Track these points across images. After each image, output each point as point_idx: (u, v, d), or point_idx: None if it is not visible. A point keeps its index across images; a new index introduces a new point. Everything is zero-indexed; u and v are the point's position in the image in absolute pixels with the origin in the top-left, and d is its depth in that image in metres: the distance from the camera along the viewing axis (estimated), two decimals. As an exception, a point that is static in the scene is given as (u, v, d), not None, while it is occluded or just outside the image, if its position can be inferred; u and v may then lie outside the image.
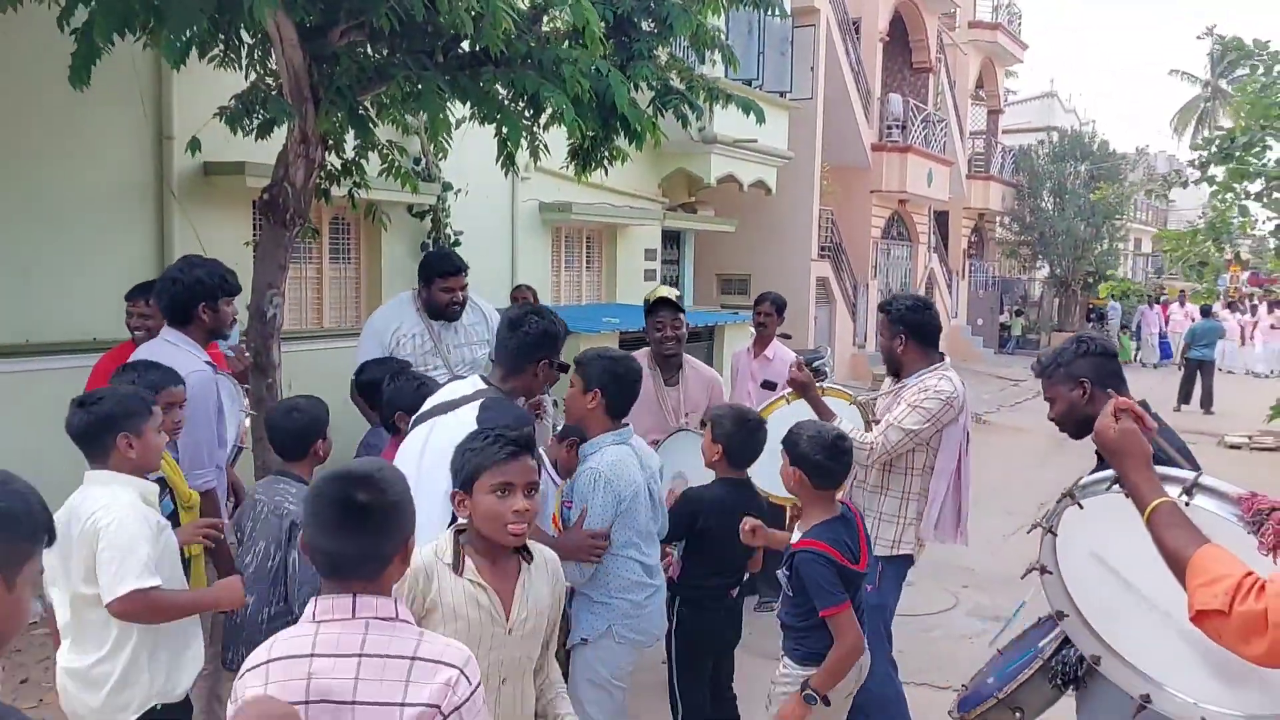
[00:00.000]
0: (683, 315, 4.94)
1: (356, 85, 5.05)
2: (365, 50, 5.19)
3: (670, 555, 3.58)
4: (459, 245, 8.98)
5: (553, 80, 4.80)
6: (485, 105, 5.11)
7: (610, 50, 5.20)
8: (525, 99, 5.13)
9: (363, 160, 5.97)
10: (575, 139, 5.60)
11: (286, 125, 5.02)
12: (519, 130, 5.17)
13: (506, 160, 5.68)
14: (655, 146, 5.82)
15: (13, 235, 5.85)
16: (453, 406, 2.94)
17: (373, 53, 5.21)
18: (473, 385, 3.05)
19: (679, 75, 5.85)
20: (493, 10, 4.02)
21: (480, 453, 2.36)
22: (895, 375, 4.04)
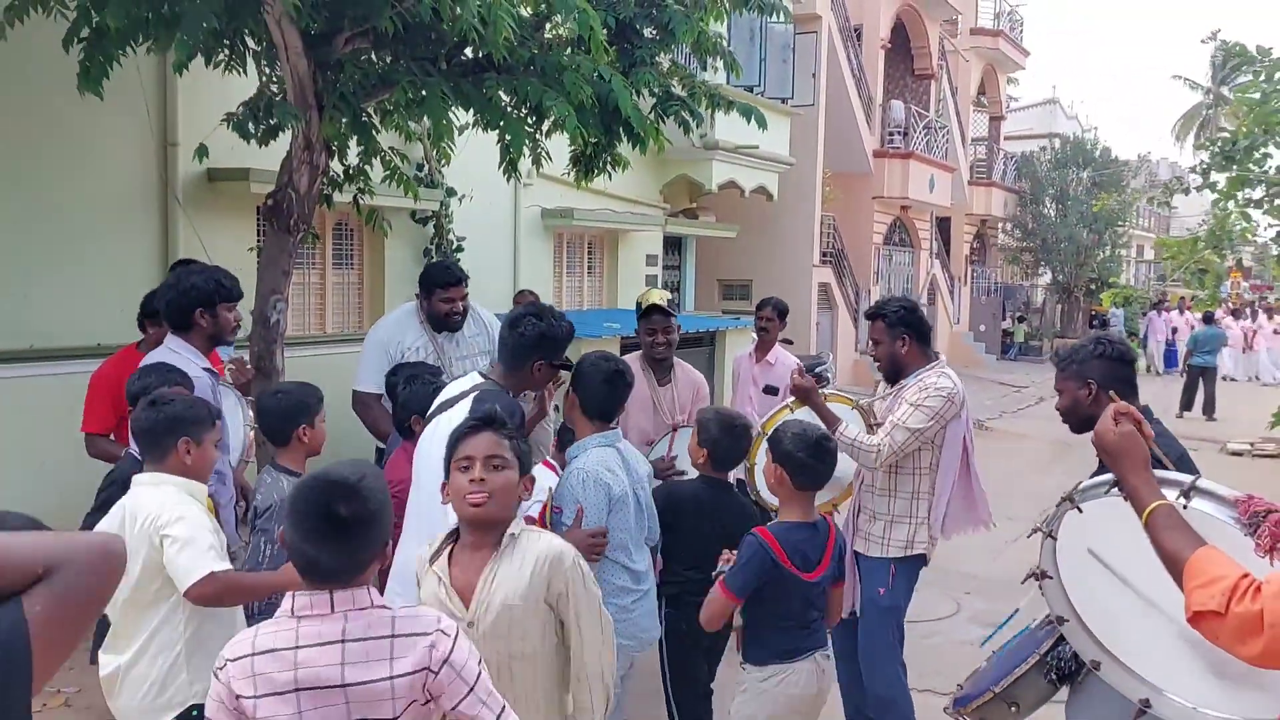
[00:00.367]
0: (674, 319, 4.97)
1: (361, 92, 5.07)
2: (369, 57, 5.21)
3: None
4: (461, 251, 9.01)
5: (555, 87, 4.83)
6: (488, 112, 5.13)
7: (613, 57, 5.23)
8: (528, 106, 5.16)
9: (366, 166, 6.00)
10: (577, 146, 5.62)
11: (291, 131, 5.05)
12: (522, 137, 5.20)
13: (509, 166, 5.70)
14: (659, 152, 5.84)
15: (17, 241, 5.87)
16: (452, 404, 3.03)
17: (377, 60, 5.24)
18: (471, 381, 3.14)
19: (680, 82, 5.87)
20: (494, 18, 4.04)
21: (452, 438, 2.46)
22: (894, 378, 4.03)
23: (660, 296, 5.06)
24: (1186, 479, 2.05)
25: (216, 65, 5.21)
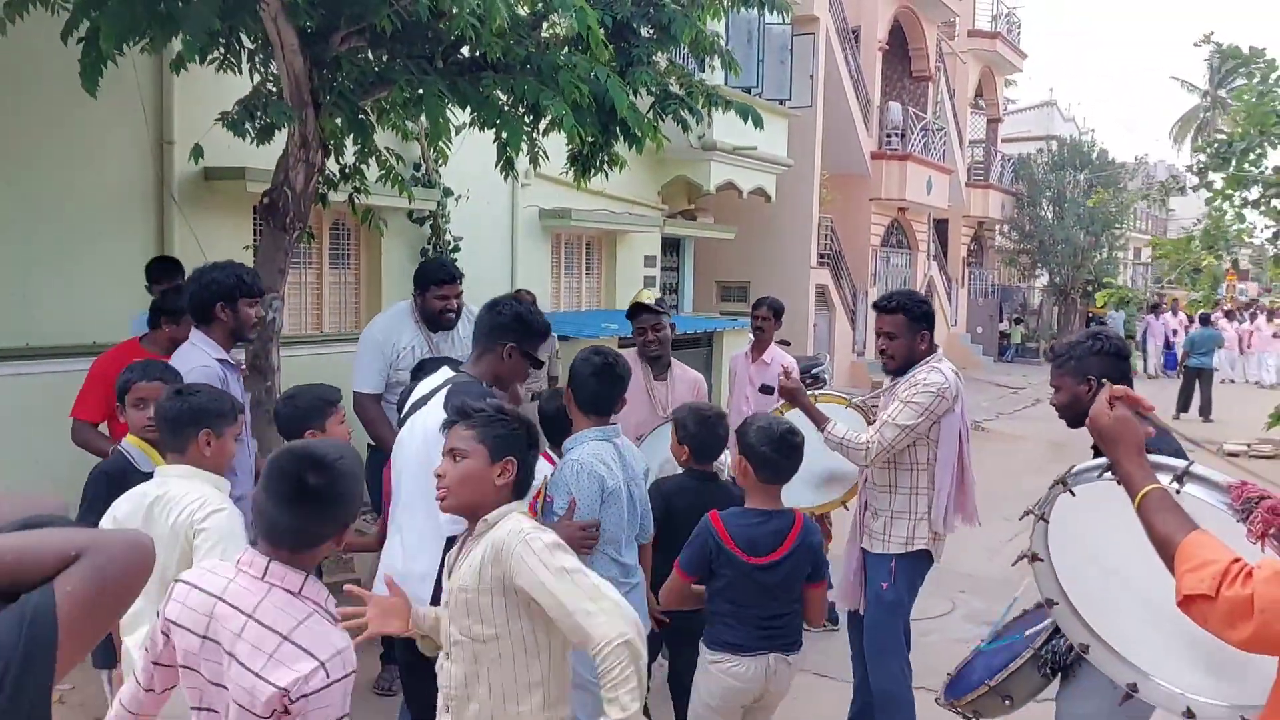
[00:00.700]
0: (665, 317, 4.99)
1: (357, 90, 5.07)
2: (366, 55, 5.21)
3: None
4: (458, 251, 9.01)
5: (551, 86, 4.83)
6: (485, 110, 5.14)
7: (610, 56, 5.23)
8: (525, 105, 5.16)
9: (362, 166, 6.00)
10: (575, 145, 5.62)
11: (286, 130, 5.05)
12: (519, 135, 5.20)
13: (506, 165, 5.70)
14: (657, 151, 5.86)
15: (13, 239, 5.87)
16: (426, 400, 3.04)
17: (373, 58, 5.24)
18: (443, 377, 3.12)
19: (678, 81, 5.88)
20: (489, 7, 4.03)
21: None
22: (899, 373, 3.97)
23: (648, 296, 5.10)
24: (1180, 464, 2.06)
25: (212, 63, 5.21)
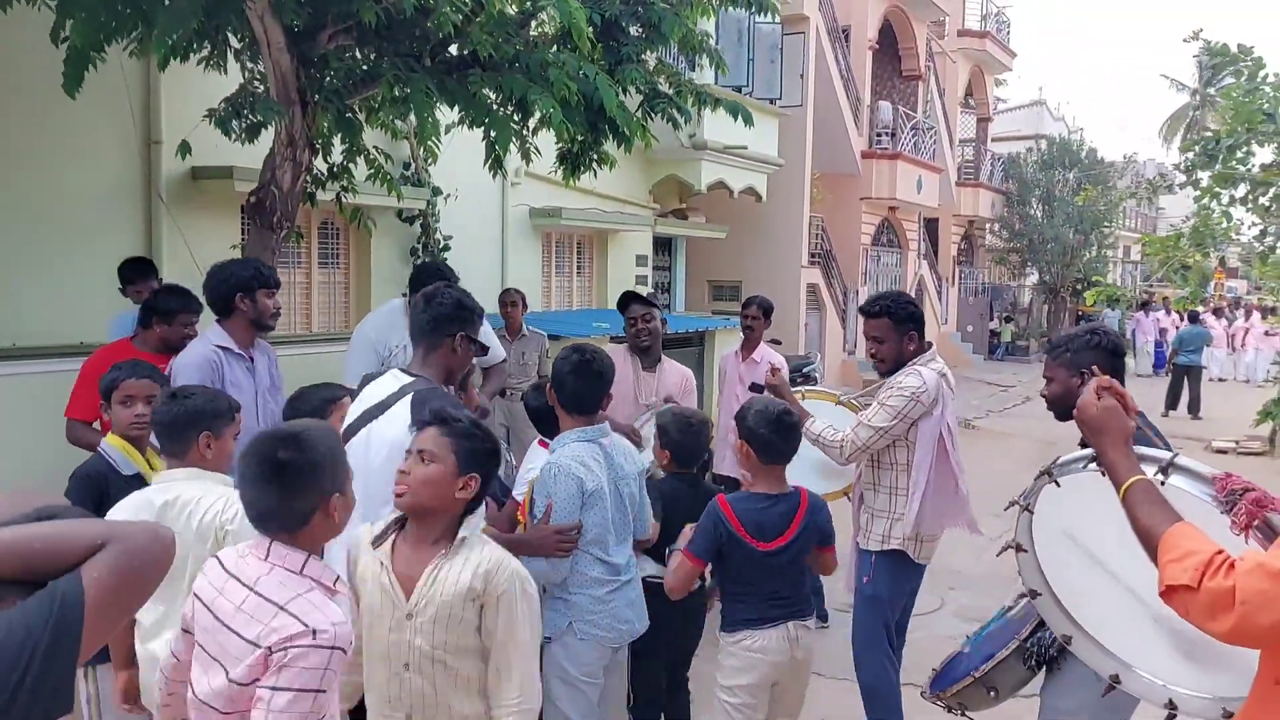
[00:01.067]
0: (655, 309, 5.03)
1: (345, 88, 5.06)
2: (353, 54, 5.20)
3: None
4: (448, 250, 8.99)
5: (540, 84, 4.82)
6: (473, 108, 5.13)
7: (598, 54, 5.22)
8: (514, 103, 5.15)
9: (350, 164, 5.98)
10: (564, 143, 5.61)
11: (274, 128, 5.03)
12: (508, 133, 5.19)
13: (494, 164, 5.69)
14: (646, 149, 5.86)
15: (0, 239, 5.84)
16: (384, 409, 2.90)
17: (361, 56, 5.22)
18: (396, 381, 2.98)
19: (667, 80, 5.88)
20: (473, 4, 4.00)
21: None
22: (891, 374, 3.97)
23: (638, 288, 5.15)
24: (1165, 455, 2.06)
25: (199, 63, 5.19)
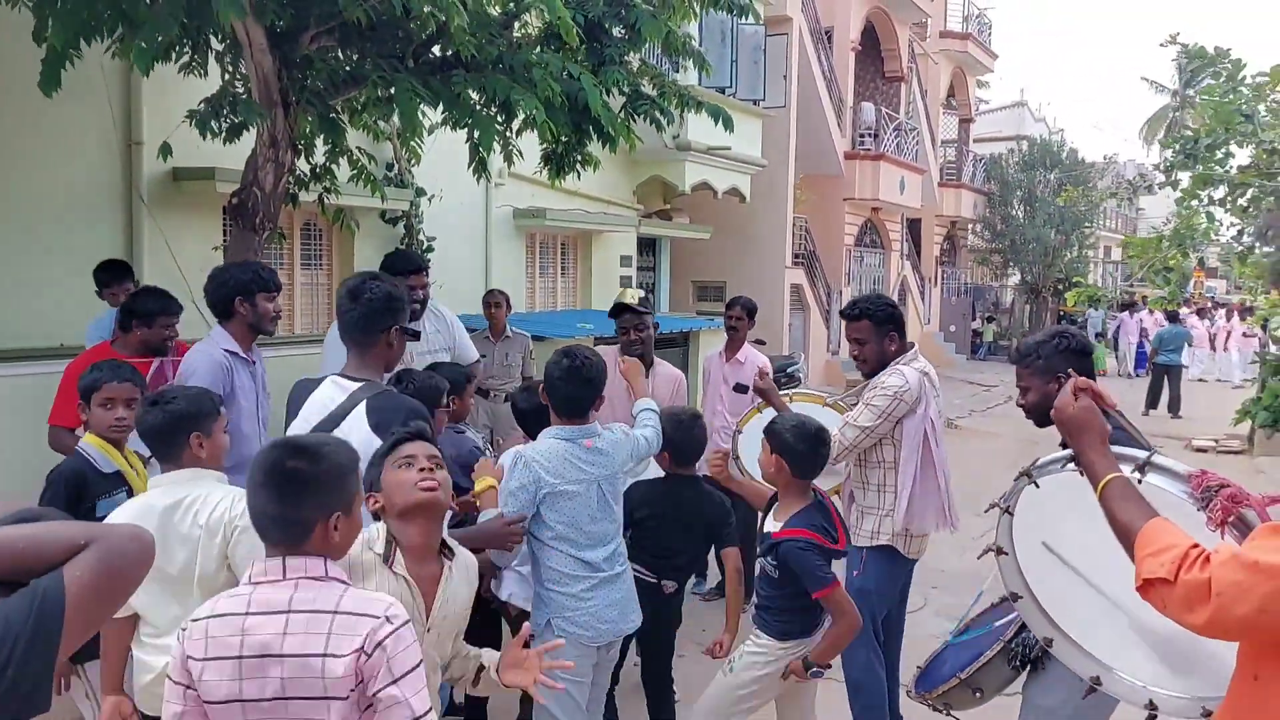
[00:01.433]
0: (647, 317, 5.01)
1: (328, 89, 5.04)
2: (336, 55, 5.18)
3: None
4: (432, 251, 8.97)
5: (524, 84, 4.82)
6: (457, 109, 5.12)
7: (581, 55, 5.23)
8: (497, 104, 5.14)
9: (333, 166, 5.96)
10: (548, 143, 5.61)
11: (256, 129, 5.01)
12: (491, 133, 5.18)
13: (478, 165, 5.68)
14: (630, 151, 5.87)
15: (-22, 240, 5.80)
16: (336, 421, 2.83)
17: (343, 57, 5.20)
18: (341, 389, 2.92)
19: (651, 81, 5.88)
20: (446, 6, 3.95)
21: (382, 453, 2.47)
22: (876, 375, 4.02)
23: (632, 296, 5.11)
24: (1142, 454, 2.08)
25: (180, 70, 5.16)
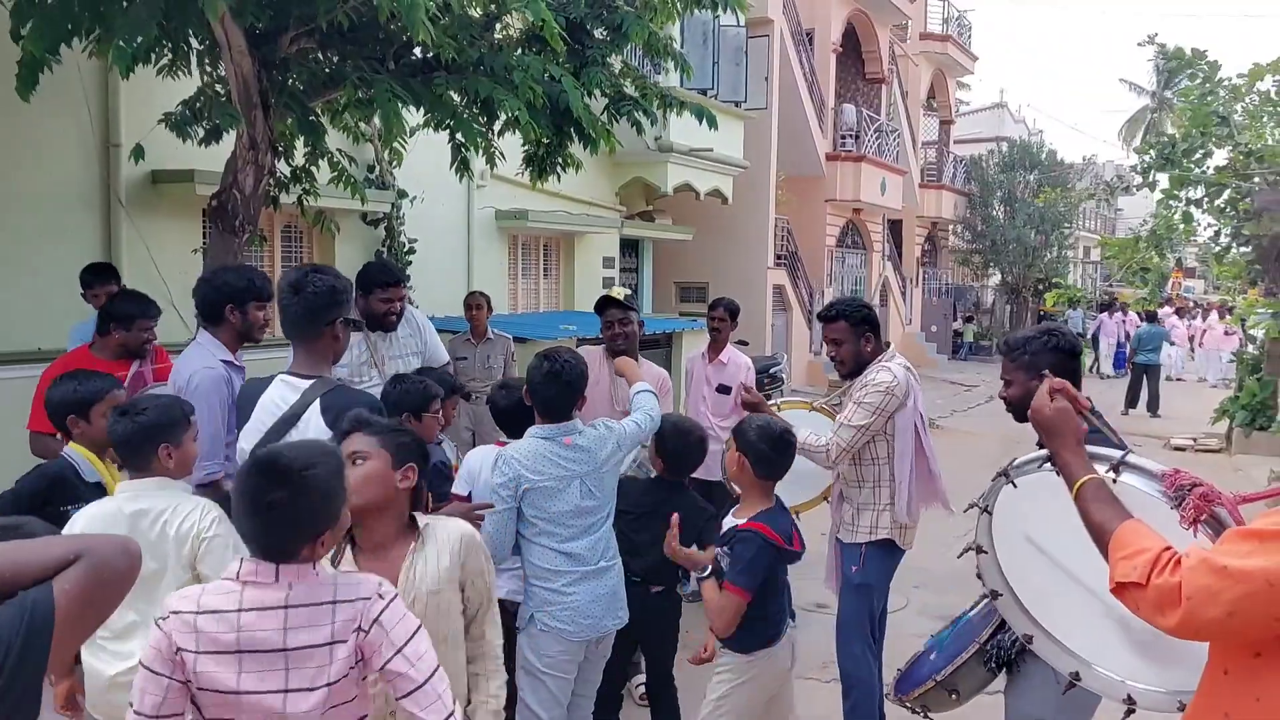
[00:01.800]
0: (632, 313, 5.01)
1: (308, 91, 5.02)
2: (316, 57, 5.16)
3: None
4: (413, 253, 8.95)
5: (505, 86, 4.82)
6: (438, 110, 5.11)
7: (563, 57, 5.23)
8: (479, 104, 5.14)
9: (313, 168, 5.94)
10: (530, 145, 5.61)
11: (235, 132, 4.99)
12: (474, 133, 5.18)
13: (461, 165, 5.67)
14: (612, 153, 5.88)
15: (-46, 244, 5.75)
16: (290, 422, 2.80)
17: (323, 59, 5.19)
18: (291, 388, 2.86)
19: (633, 82, 5.89)
20: (407, 9, 3.89)
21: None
22: (856, 376, 4.10)
23: (618, 292, 5.12)
24: (1117, 454, 2.11)
25: (159, 72, 5.13)
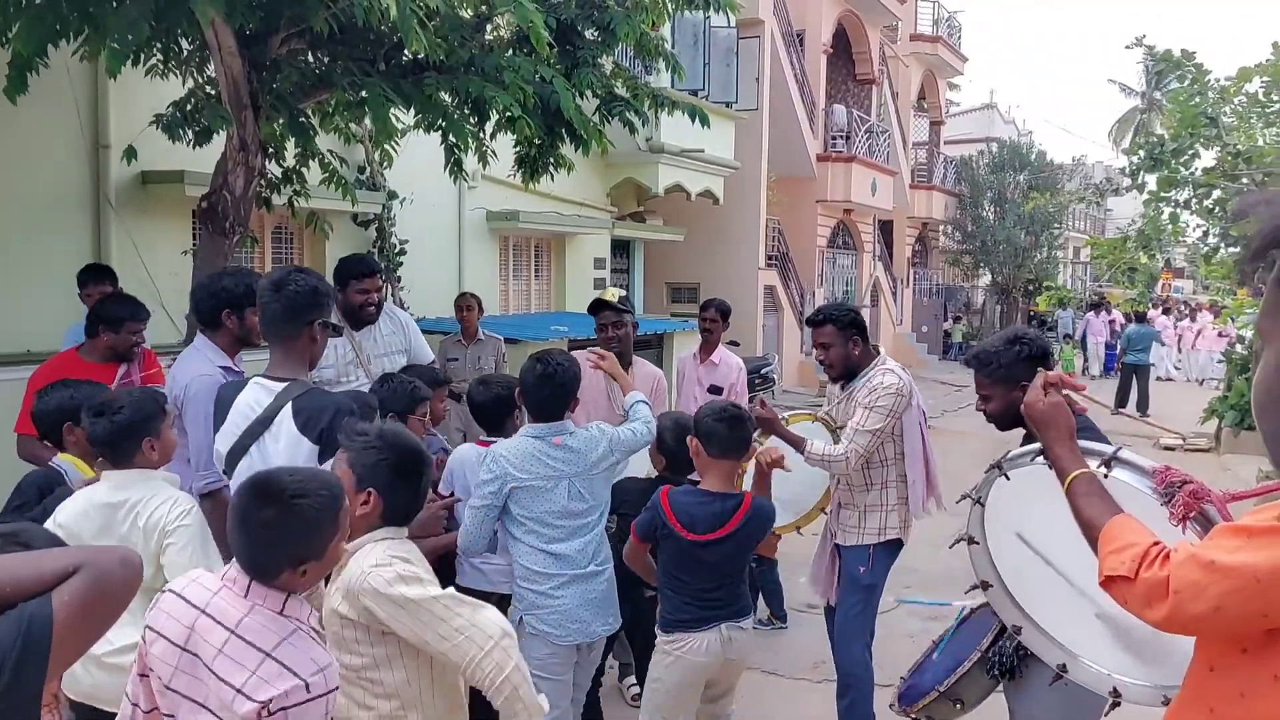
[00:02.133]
0: (627, 315, 4.99)
1: (298, 92, 5.01)
2: (306, 58, 5.16)
3: None
4: (404, 254, 8.94)
5: (496, 86, 4.82)
6: (429, 111, 5.11)
7: (554, 58, 5.23)
8: (470, 105, 5.14)
9: (304, 169, 5.93)
10: (522, 146, 5.61)
11: (226, 133, 4.98)
12: (466, 134, 5.18)
13: (454, 166, 5.67)
14: (603, 154, 5.88)
15: (-58, 245, 5.72)
16: (264, 425, 2.78)
17: (314, 61, 5.18)
18: (266, 391, 2.84)
19: (624, 83, 5.90)
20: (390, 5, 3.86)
21: None
22: (846, 379, 4.12)
23: (612, 294, 5.11)
24: (1108, 449, 2.13)
25: (150, 72, 5.12)
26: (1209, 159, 11.29)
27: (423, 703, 2.37)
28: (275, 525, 1.91)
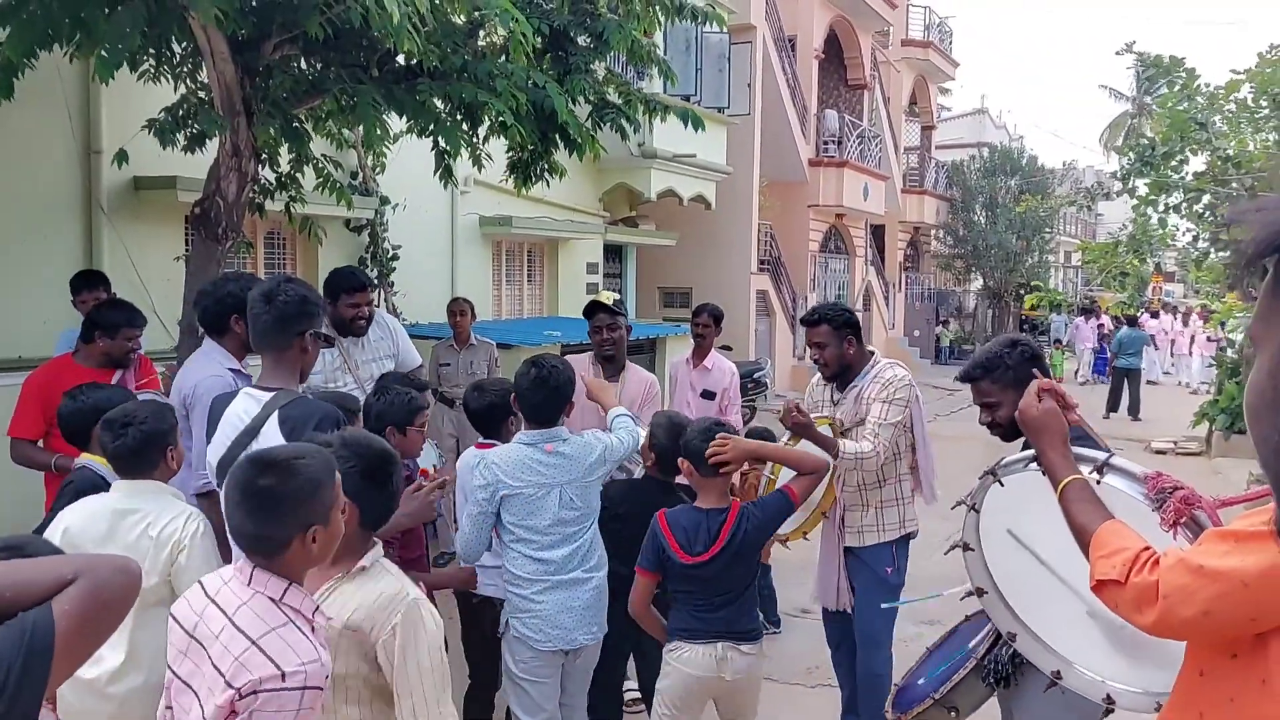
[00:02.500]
0: (620, 318, 5.01)
1: (291, 98, 5.01)
2: (299, 64, 5.16)
3: None
4: (397, 260, 8.94)
5: (488, 92, 4.83)
6: (421, 117, 5.11)
7: (547, 64, 5.24)
8: (463, 111, 5.14)
9: (298, 174, 5.92)
10: (514, 151, 5.61)
11: (219, 138, 4.97)
12: (458, 139, 5.18)
13: (445, 172, 5.67)
14: (596, 159, 5.89)
15: (-67, 251, 5.70)
16: (252, 434, 2.77)
17: (307, 66, 5.18)
18: (255, 401, 2.82)
19: (616, 89, 5.91)
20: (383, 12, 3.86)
21: None
22: (842, 379, 4.11)
23: (607, 297, 5.12)
24: (1101, 456, 2.15)
25: (142, 76, 5.11)
26: (1199, 164, 11.36)
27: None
28: (278, 490, 1.91)
